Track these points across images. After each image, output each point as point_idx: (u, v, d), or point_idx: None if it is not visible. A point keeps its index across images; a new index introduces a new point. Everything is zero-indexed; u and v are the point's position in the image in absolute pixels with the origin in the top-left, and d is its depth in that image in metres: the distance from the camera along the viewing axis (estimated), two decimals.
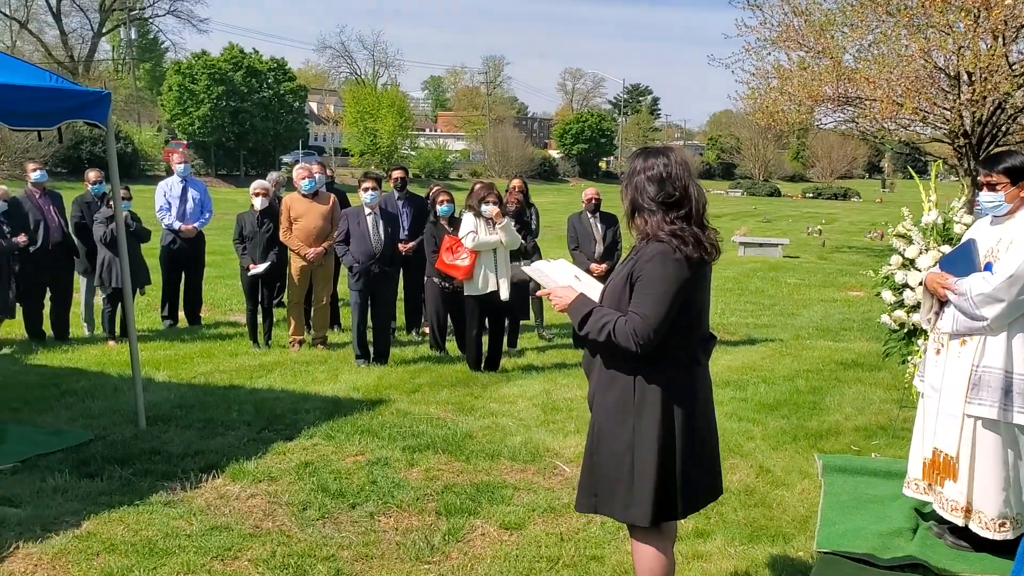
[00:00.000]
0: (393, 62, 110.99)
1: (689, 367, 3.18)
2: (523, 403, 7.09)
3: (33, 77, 5.67)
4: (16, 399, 6.84)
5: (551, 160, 69.77)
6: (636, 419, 3.12)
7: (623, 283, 3.12)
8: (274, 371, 8.01)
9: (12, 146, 32.60)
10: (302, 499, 4.91)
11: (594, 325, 3.11)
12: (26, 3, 60.58)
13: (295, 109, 53.79)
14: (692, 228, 3.09)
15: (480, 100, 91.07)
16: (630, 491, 3.14)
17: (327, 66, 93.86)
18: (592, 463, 3.24)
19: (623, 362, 3.12)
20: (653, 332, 3.01)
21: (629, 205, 3.19)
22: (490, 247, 7.93)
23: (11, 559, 4.08)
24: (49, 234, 9.05)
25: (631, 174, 3.21)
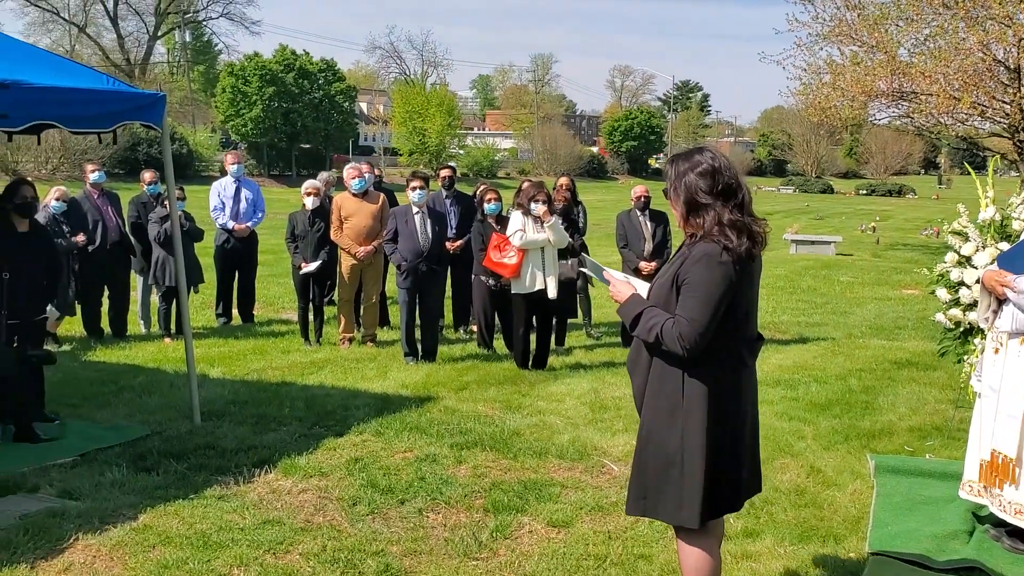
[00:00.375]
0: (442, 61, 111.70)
1: (736, 368, 3.17)
2: (571, 401, 7.09)
3: (90, 80, 5.81)
4: (76, 395, 7.02)
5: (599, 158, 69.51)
6: (684, 421, 3.10)
7: (669, 284, 3.11)
8: (325, 368, 8.11)
9: (71, 148, 33.50)
10: (352, 494, 4.97)
11: (644, 326, 3.12)
12: (84, 8, 62.08)
13: (345, 110, 54.35)
14: (745, 218, 3.08)
15: (528, 98, 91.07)
16: (679, 493, 3.13)
17: (376, 66, 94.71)
18: (641, 466, 3.23)
19: (672, 363, 3.11)
20: (699, 336, 3.00)
21: (684, 206, 3.15)
22: (538, 245, 7.94)
23: (71, 550, 4.20)
24: (107, 234, 9.26)
25: (677, 177, 3.17)
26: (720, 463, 3.13)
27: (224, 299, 10.51)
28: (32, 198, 6.52)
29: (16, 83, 5.17)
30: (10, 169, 30.14)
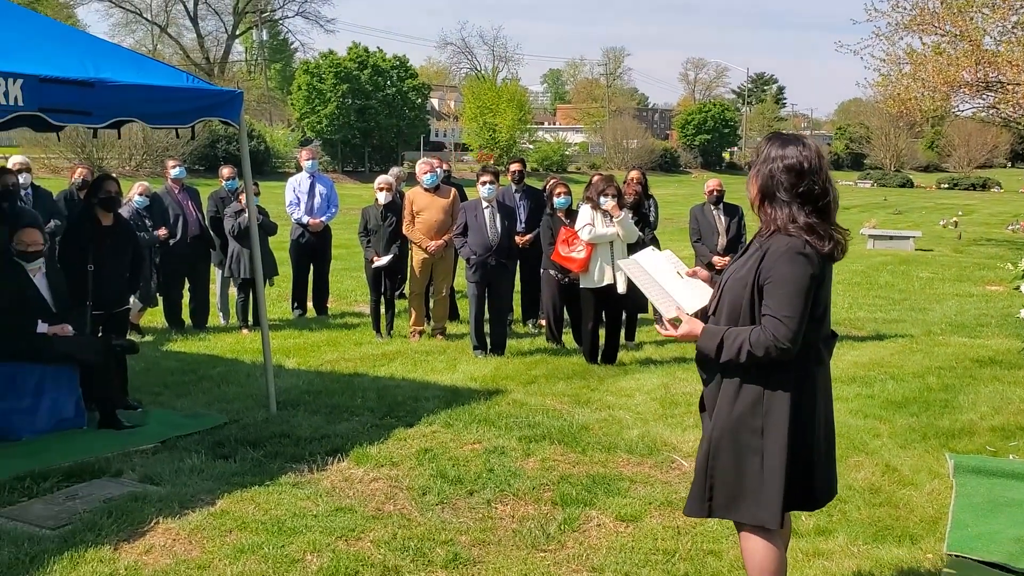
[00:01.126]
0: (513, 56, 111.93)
1: (815, 365, 3.09)
2: (640, 396, 7.05)
3: (170, 78, 5.98)
4: (157, 384, 7.26)
5: (672, 151, 68.78)
6: (764, 421, 3.04)
7: (749, 284, 3.02)
8: (395, 360, 8.22)
9: (154, 145, 34.52)
10: (422, 484, 5.04)
11: (730, 350, 3.02)
12: (166, 8, 63.91)
13: (417, 106, 54.81)
14: (825, 224, 2.99)
15: (599, 92, 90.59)
16: (758, 494, 3.07)
17: (448, 62, 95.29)
18: (711, 467, 3.15)
19: (751, 368, 3.03)
20: (794, 332, 2.92)
21: (759, 193, 3.07)
22: (606, 240, 7.90)
23: (151, 533, 4.34)
24: (187, 228, 9.53)
25: (764, 160, 3.07)
26: (799, 462, 3.06)
27: (299, 292, 10.72)
28: (116, 193, 6.76)
29: (100, 81, 5.36)
30: (95, 165, 31.19)
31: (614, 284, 7.94)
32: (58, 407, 6.05)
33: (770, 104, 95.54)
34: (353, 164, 52.63)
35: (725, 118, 74.28)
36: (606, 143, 65.57)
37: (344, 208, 12.75)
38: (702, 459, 3.19)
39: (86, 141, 31.10)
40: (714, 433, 3.15)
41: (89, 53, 5.62)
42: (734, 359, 3.01)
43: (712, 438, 3.15)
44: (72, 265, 6.48)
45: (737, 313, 3.07)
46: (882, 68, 19.31)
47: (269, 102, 63.55)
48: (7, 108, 4.98)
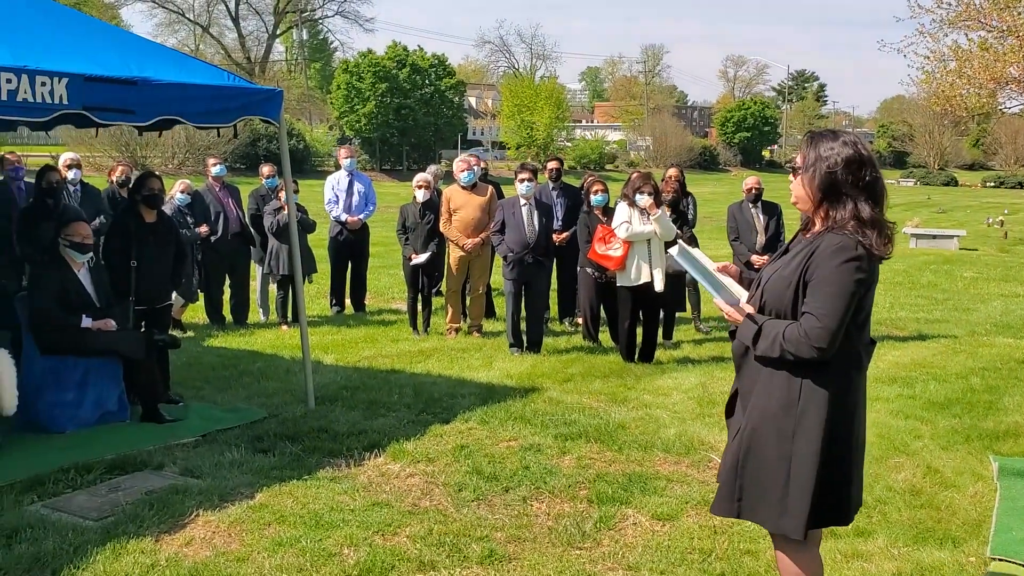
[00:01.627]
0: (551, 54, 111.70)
1: (855, 372, 2.98)
2: (678, 395, 7.01)
3: (212, 76, 6.06)
4: (198, 378, 7.36)
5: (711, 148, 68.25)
6: (797, 426, 2.92)
7: (793, 282, 2.91)
8: (432, 357, 8.26)
9: (195, 144, 35.01)
10: (458, 480, 5.05)
11: (765, 342, 2.92)
12: (208, 8, 64.75)
13: (455, 104, 54.98)
14: (886, 220, 2.90)
15: (638, 90, 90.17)
16: (783, 501, 2.96)
17: (486, 61, 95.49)
18: (740, 467, 3.04)
19: (787, 365, 2.93)
20: (832, 335, 2.81)
21: (820, 192, 2.91)
22: (644, 238, 7.86)
23: (192, 525, 4.40)
24: (228, 225, 9.65)
25: (817, 159, 2.92)
26: (831, 472, 2.94)
27: (337, 289, 10.80)
28: (159, 190, 6.86)
29: (144, 80, 5.44)
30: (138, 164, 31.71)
31: (651, 282, 7.90)
32: (102, 401, 6.16)
33: (811, 102, 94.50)
34: (391, 162, 52.93)
35: (765, 116, 73.64)
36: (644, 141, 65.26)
37: (381, 206, 12.82)
38: (731, 457, 3.08)
39: (130, 140, 31.63)
40: (745, 431, 3.04)
41: (133, 52, 5.70)
42: (768, 352, 2.92)
43: (743, 435, 3.05)
44: (115, 261, 6.58)
45: (780, 313, 2.97)
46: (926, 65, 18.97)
47: (309, 101, 64.12)
48: (53, 106, 5.07)
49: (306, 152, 45.16)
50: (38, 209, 7.36)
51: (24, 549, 4.04)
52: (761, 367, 3.01)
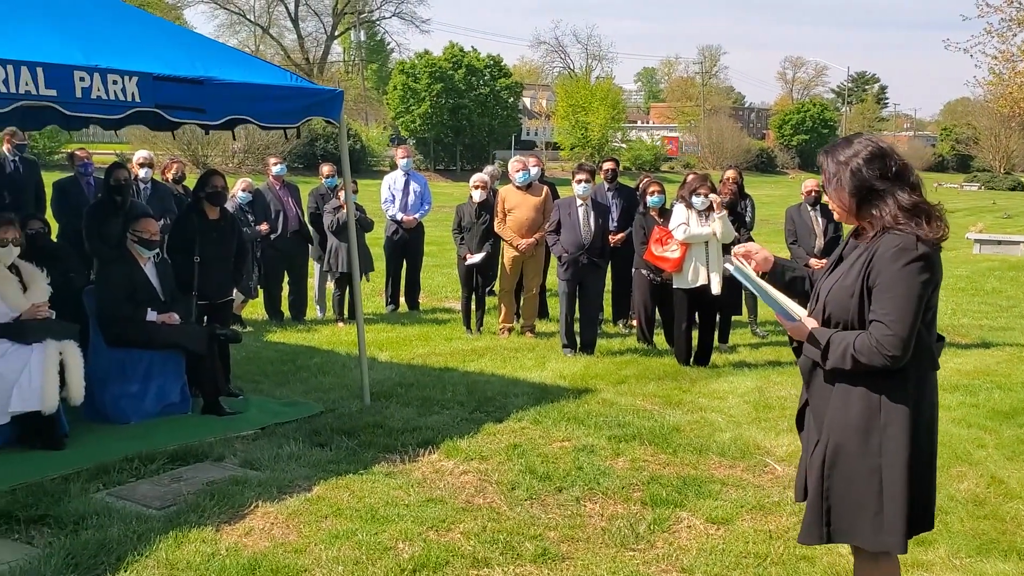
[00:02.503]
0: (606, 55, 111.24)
1: (929, 372, 2.90)
2: (734, 399, 6.95)
3: (276, 77, 6.16)
4: (257, 373, 7.49)
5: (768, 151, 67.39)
6: (883, 437, 2.83)
7: (857, 290, 2.84)
8: (485, 356, 8.29)
9: (255, 143, 35.60)
10: (511, 479, 5.08)
11: (835, 355, 2.83)
12: (268, 10, 65.80)
13: (509, 105, 55.08)
14: (928, 203, 2.82)
15: (694, 91, 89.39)
16: (879, 515, 2.85)
17: (541, 61, 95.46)
18: (827, 489, 2.93)
19: (862, 376, 2.84)
20: (903, 342, 2.73)
21: (853, 197, 2.87)
22: (701, 240, 7.81)
23: (251, 516, 4.49)
24: (287, 223, 9.80)
25: (838, 167, 2.89)
26: (920, 478, 2.85)
27: (392, 287, 10.91)
28: (222, 187, 7.00)
29: (210, 79, 5.56)
30: (200, 162, 32.35)
31: (708, 285, 7.83)
32: (164, 393, 6.31)
33: (871, 104, 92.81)
34: (445, 162, 53.21)
35: (824, 118, 72.49)
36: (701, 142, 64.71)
37: (435, 205, 12.89)
38: (816, 480, 2.95)
39: (191, 139, 32.26)
40: (828, 451, 2.92)
41: (199, 52, 5.83)
42: (839, 365, 2.83)
43: (826, 456, 2.93)
44: (179, 256, 6.73)
45: (846, 323, 2.89)
46: (994, 66, 18.54)
47: (365, 102, 64.75)
48: (126, 104, 5.21)
49: (362, 152, 45.61)
50: (106, 205, 7.56)
51: (90, 535, 4.15)
52: (830, 380, 2.93)
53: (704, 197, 7.78)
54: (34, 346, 5.46)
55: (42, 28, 5.20)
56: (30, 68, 4.76)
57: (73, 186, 8.59)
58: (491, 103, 53.21)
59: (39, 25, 5.22)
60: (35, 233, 6.73)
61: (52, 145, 32.01)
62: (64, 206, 8.45)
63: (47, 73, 4.82)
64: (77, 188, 8.56)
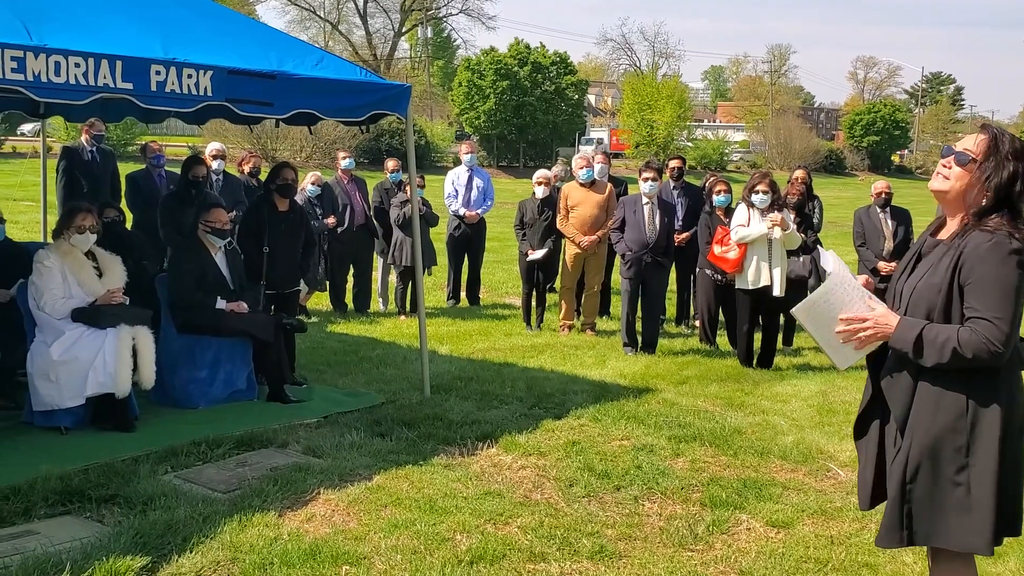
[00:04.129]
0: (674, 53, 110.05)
1: (1019, 371, 2.84)
2: (796, 403, 6.85)
3: (346, 71, 6.24)
4: (321, 362, 7.62)
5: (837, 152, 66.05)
6: (972, 438, 2.78)
7: (945, 285, 2.79)
8: (545, 352, 8.30)
9: (323, 137, 36.10)
10: (569, 476, 5.08)
11: (932, 347, 2.76)
12: (338, 6, 66.68)
13: (574, 102, 54.91)
14: None
15: (763, 90, 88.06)
16: (965, 517, 2.81)
17: (607, 59, 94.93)
18: (909, 491, 2.87)
19: (951, 376, 2.79)
20: (1007, 337, 2.68)
21: (994, 192, 2.78)
22: (754, 239, 7.66)
23: (313, 502, 4.57)
24: (354, 217, 9.93)
25: (1012, 155, 2.80)
26: (1009, 481, 2.79)
27: (454, 281, 10.99)
28: (292, 180, 7.13)
29: (282, 74, 5.66)
30: (268, 156, 32.93)
31: (770, 286, 7.70)
32: (231, 379, 6.45)
33: (946, 105, 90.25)
34: (508, 159, 53.30)
35: (896, 119, 70.72)
36: (768, 142, 63.72)
37: (498, 202, 12.93)
38: (898, 482, 2.90)
39: (261, 132, 32.86)
40: (911, 452, 2.87)
41: (272, 46, 5.94)
42: (935, 359, 2.77)
43: (909, 458, 2.87)
44: (249, 247, 6.88)
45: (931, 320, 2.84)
46: None
47: (430, 98, 65.18)
48: (198, 98, 5.34)
49: (426, 148, 45.92)
50: (181, 196, 7.74)
51: (158, 516, 4.27)
52: (912, 383, 2.88)
53: (764, 195, 7.67)
54: (108, 331, 5.64)
55: (124, 21, 5.35)
56: (110, 61, 4.90)
57: (145, 178, 8.82)
58: (556, 100, 53.10)
59: (121, 18, 5.38)
60: (111, 221, 6.95)
61: (127, 137, 32.88)
62: (137, 197, 8.68)
63: (125, 66, 4.96)
64: (149, 180, 8.79)
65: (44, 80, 4.68)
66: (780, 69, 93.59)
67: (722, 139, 62.00)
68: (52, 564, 3.72)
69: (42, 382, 5.54)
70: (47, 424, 5.60)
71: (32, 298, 5.70)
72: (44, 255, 5.77)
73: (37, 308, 5.69)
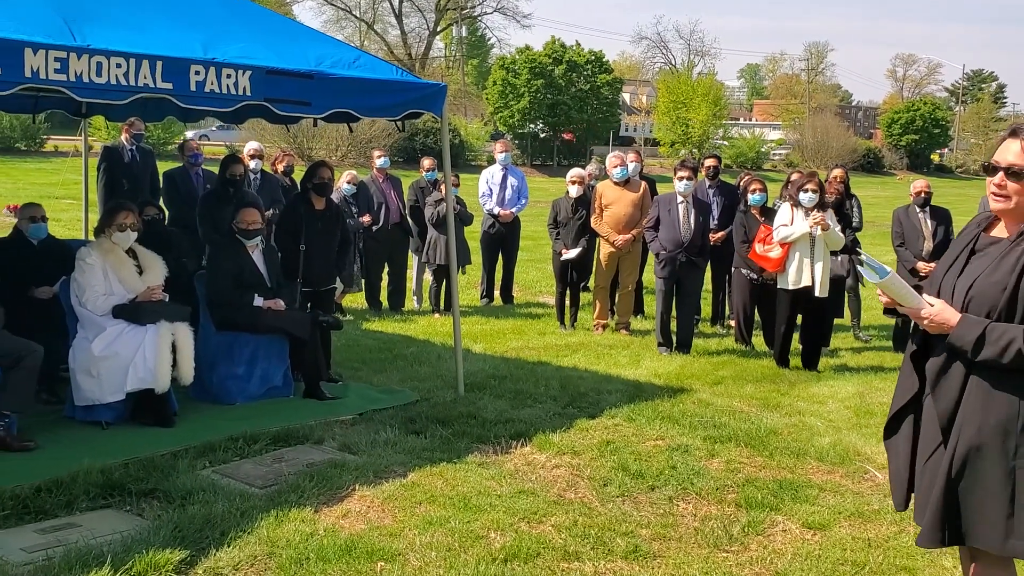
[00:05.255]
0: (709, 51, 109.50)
1: None
2: (834, 404, 6.79)
3: (382, 71, 6.28)
4: (356, 360, 7.67)
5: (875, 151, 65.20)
6: (1020, 438, 2.75)
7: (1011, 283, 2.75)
8: (578, 351, 8.29)
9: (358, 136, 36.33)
10: (603, 475, 5.07)
11: (995, 346, 2.72)
12: (373, 6, 67.02)
13: (608, 101, 54.74)
14: None
15: (800, 88, 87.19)
16: (1010, 520, 2.77)
17: (642, 57, 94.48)
18: (953, 491, 2.84)
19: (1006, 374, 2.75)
20: None
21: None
22: (795, 238, 7.58)
23: (349, 499, 4.61)
24: (389, 215, 9.99)
25: None
26: None
27: (488, 280, 11.00)
28: (328, 179, 7.18)
29: (320, 73, 5.71)
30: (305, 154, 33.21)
31: (812, 287, 7.61)
32: (268, 376, 6.51)
33: (987, 103, 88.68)
34: (542, 158, 53.26)
35: (936, 118, 69.63)
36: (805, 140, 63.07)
37: (532, 200, 12.93)
38: (943, 481, 2.86)
39: (297, 131, 33.13)
40: (958, 450, 2.83)
41: (310, 46, 5.99)
42: (998, 357, 2.72)
43: (955, 455, 2.84)
44: (286, 244, 6.94)
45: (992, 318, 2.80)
46: None
47: (465, 97, 65.30)
48: (236, 98, 5.39)
49: (460, 147, 45.99)
50: (219, 194, 7.83)
51: (196, 510, 4.33)
52: (963, 380, 2.84)
53: (812, 194, 7.58)
54: (149, 327, 5.72)
55: (165, 20, 5.42)
56: (151, 61, 4.96)
57: (182, 176, 8.92)
58: (590, 99, 52.97)
59: (162, 16, 5.45)
60: (151, 219, 7.04)
61: (166, 136, 33.32)
62: (174, 195, 8.78)
63: (165, 66, 5.02)
64: (186, 178, 8.89)
65: (86, 80, 4.75)
66: (817, 67, 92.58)
67: (758, 137, 61.45)
68: (94, 556, 3.79)
69: (83, 377, 5.64)
70: (88, 419, 5.70)
71: (74, 295, 5.80)
72: (86, 252, 5.87)
73: (79, 304, 5.78)
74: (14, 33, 4.56)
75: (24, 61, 4.52)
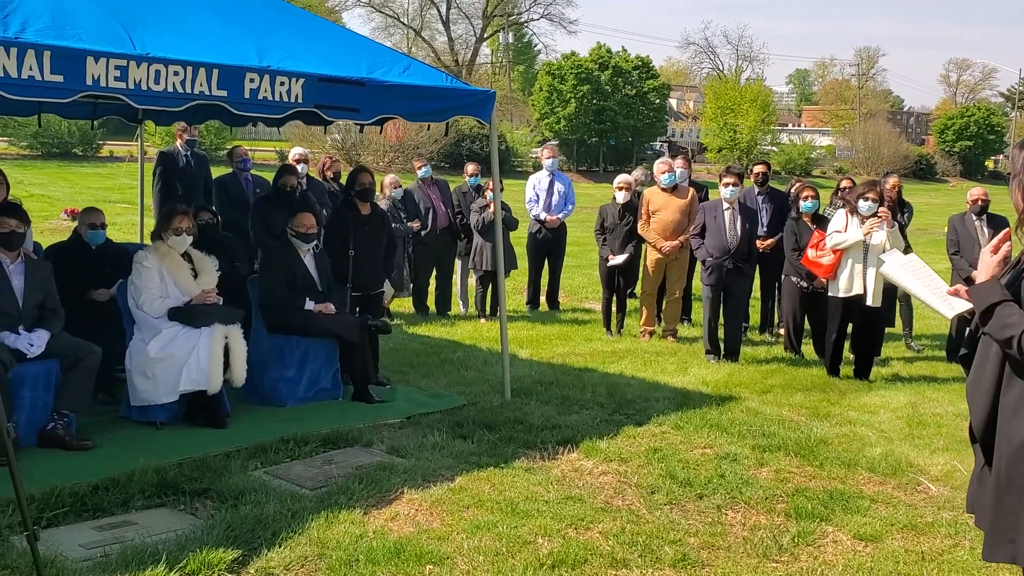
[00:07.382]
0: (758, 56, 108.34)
1: None
2: (885, 414, 6.68)
3: (431, 78, 6.33)
4: (404, 364, 7.73)
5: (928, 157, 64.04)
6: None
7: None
8: (625, 358, 8.26)
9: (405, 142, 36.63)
10: (650, 483, 5.05)
11: (997, 322, 2.63)
12: (421, 13, 67.54)
13: (655, 106, 54.51)
14: None
15: (850, 93, 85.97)
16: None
17: (689, 62, 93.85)
18: (1005, 503, 2.74)
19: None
20: None
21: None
22: (849, 245, 7.48)
23: (397, 501, 4.65)
24: (436, 220, 10.05)
25: None
26: None
27: (534, 286, 11.01)
28: (369, 184, 7.27)
29: (371, 81, 5.77)
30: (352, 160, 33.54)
31: (864, 295, 7.49)
32: (318, 378, 6.59)
33: None
34: (588, 164, 53.19)
35: (990, 123, 68.22)
36: (855, 146, 62.15)
37: (578, 206, 12.92)
38: (992, 492, 2.79)
39: (345, 137, 33.48)
40: (1001, 462, 2.74)
41: (361, 54, 6.06)
42: (993, 332, 2.64)
43: (1001, 468, 2.74)
44: (335, 249, 7.02)
45: None
46: None
47: (511, 103, 65.44)
48: (288, 105, 5.48)
49: (507, 153, 46.09)
50: (272, 200, 7.94)
51: (248, 510, 4.40)
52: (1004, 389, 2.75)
53: (872, 202, 7.45)
54: (202, 329, 5.83)
55: (220, 26, 5.52)
56: (207, 69, 5.05)
57: (232, 182, 9.06)
58: (637, 104, 52.80)
59: (217, 22, 5.55)
60: (205, 223, 7.16)
61: (218, 141, 33.88)
62: (225, 201, 8.92)
63: (221, 74, 5.11)
64: (236, 184, 9.03)
65: (144, 88, 4.85)
66: (868, 72, 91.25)
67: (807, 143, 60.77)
68: (149, 554, 3.87)
69: (139, 378, 5.76)
70: (143, 419, 5.82)
71: (131, 297, 5.93)
72: (143, 256, 6.00)
73: (136, 307, 5.91)
74: (75, 41, 4.65)
75: (86, 69, 4.63)
